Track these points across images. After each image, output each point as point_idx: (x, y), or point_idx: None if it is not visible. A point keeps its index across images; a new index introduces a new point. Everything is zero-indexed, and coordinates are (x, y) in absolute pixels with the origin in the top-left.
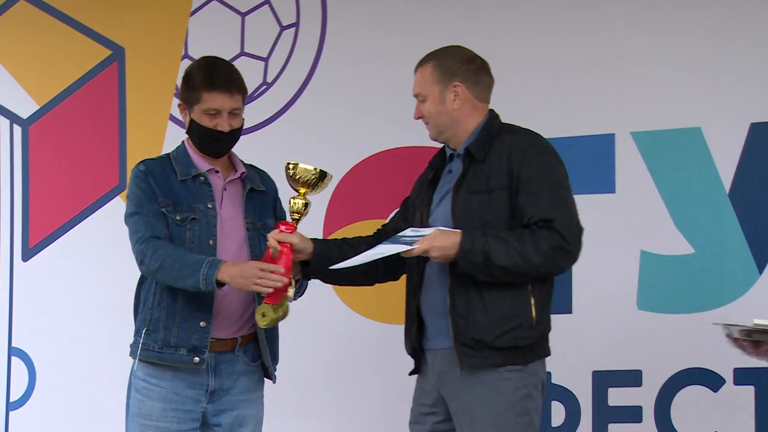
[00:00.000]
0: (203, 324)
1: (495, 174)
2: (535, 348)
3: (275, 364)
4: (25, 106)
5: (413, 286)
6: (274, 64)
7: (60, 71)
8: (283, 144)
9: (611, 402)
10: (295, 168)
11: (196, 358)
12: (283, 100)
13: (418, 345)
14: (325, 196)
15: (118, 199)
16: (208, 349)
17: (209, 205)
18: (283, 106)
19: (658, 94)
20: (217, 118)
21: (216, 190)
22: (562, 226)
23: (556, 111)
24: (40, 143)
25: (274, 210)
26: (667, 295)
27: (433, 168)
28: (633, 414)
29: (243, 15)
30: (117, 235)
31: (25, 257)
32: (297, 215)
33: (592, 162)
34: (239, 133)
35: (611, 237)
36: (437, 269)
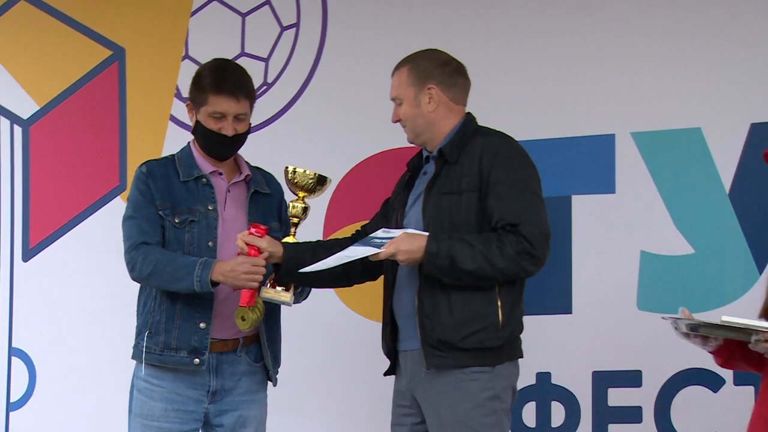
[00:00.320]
0: (203, 325)
1: (466, 175)
2: (503, 350)
3: (277, 366)
4: (25, 106)
5: (388, 288)
6: (274, 65)
7: (60, 72)
8: (284, 144)
9: (611, 402)
10: (294, 172)
11: (197, 360)
12: (283, 101)
13: (392, 346)
14: (325, 196)
15: (118, 200)
16: (209, 350)
17: (210, 207)
18: (284, 106)
19: (658, 94)
20: (222, 121)
21: (219, 192)
22: (529, 230)
23: (556, 111)
24: (40, 144)
25: (278, 213)
26: (667, 296)
27: (410, 169)
28: (633, 414)
29: (243, 15)
30: (117, 235)
31: (26, 257)
32: (296, 219)
33: (592, 162)
34: (244, 137)
35: (611, 237)
36: (407, 271)
